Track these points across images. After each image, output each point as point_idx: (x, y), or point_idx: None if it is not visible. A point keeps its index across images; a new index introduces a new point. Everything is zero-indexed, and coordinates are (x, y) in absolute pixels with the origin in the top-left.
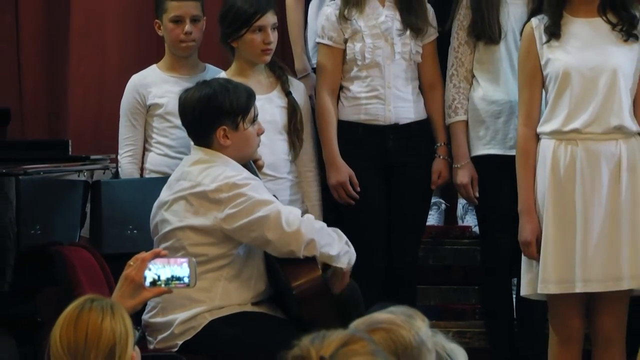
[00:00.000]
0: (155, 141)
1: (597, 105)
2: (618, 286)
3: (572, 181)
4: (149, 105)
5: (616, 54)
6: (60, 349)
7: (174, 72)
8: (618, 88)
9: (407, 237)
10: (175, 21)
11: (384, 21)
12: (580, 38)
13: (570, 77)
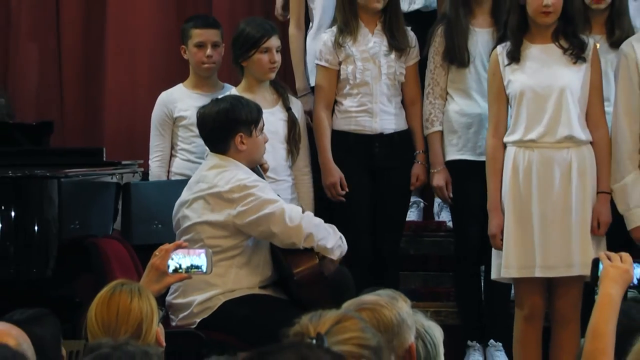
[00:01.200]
0: (180, 148)
1: (549, 119)
2: (570, 272)
3: (529, 183)
4: (175, 118)
5: (565, 74)
6: (95, 324)
7: (197, 89)
8: (567, 103)
9: (390, 230)
10: (199, 46)
11: (372, 47)
12: (536, 61)
13: (525, 95)
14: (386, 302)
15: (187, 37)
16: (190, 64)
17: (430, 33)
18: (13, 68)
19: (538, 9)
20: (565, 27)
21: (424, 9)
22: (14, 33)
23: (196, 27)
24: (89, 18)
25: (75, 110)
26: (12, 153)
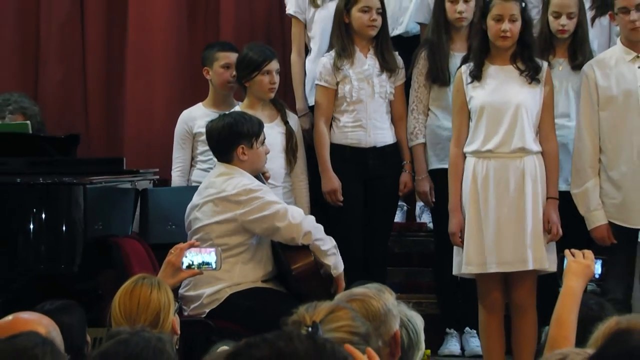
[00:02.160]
0: (198, 160)
1: (505, 132)
2: (524, 267)
3: (487, 189)
4: (194, 134)
5: (521, 93)
6: (119, 313)
7: (215, 108)
8: (521, 119)
9: (380, 231)
10: (226, 67)
11: (366, 68)
12: (495, 80)
13: (485, 110)
14: (374, 294)
15: (213, 59)
16: (213, 83)
17: (414, 56)
18: (43, 87)
19: (497, 33)
20: (522, 51)
21: (404, 35)
22: (43, 55)
23: (222, 51)
24: (110, 41)
25: (99, 124)
26: (43, 162)
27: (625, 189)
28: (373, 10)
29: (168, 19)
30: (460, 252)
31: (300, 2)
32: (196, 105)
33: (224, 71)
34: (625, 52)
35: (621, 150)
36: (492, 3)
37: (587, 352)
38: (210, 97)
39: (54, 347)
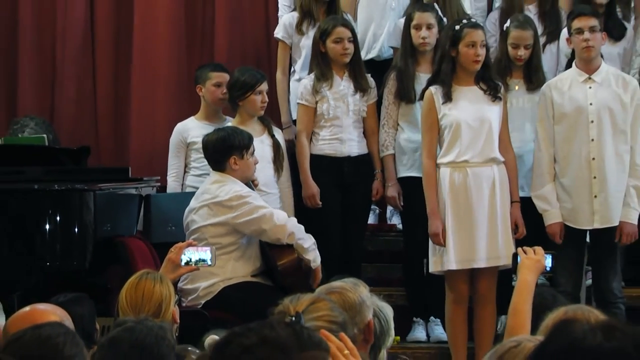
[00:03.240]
0: (192, 167)
1: (480, 145)
2: (497, 263)
3: (464, 194)
4: (188, 143)
5: (488, 110)
6: (125, 304)
7: (206, 121)
8: (491, 133)
9: (355, 231)
10: (217, 85)
11: (342, 89)
12: (465, 100)
13: (462, 126)
14: (350, 287)
15: (206, 78)
16: (206, 99)
17: (385, 78)
18: (58, 104)
19: (471, 58)
20: (484, 73)
21: (376, 59)
22: (58, 77)
23: (214, 71)
24: (117, 65)
25: (107, 137)
26: (58, 171)
27: (575, 195)
28: (345, 40)
29: (168, 45)
30: (438, 252)
31: (288, 28)
32: (189, 118)
33: (216, 89)
34: (578, 74)
35: (571, 160)
36: (464, 32)
37: (538, 339)
38: (202, 111)
39: (74, 337)
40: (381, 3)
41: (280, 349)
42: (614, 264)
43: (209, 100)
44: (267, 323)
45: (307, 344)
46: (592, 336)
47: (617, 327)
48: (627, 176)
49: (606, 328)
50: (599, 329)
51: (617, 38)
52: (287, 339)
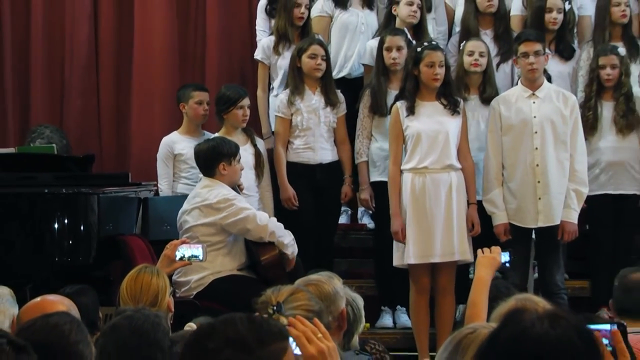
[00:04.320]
0: (179, 176)
1: (437, 153)
2: (452, 258)
3: (424, 197)
4: (175, 154)
5: (447, 123)
6: (126, 294)
7: (188, 135)
8: (448, 142)
9: (327, 230)
10: (199, 103)
11: (314, 103)
12: (426, 114)
13: (422, 137)
14: (325, 280)
15: (189, 97)
16: (188, 116)
17: (361, 93)
18: (66, 116)
19: (431, 76)
20: (444, 90)
21: (347, 77)
22: (66, 92)
23: (196, 90)
24: (119, 81)
25: (110, 147)
26: (66, 177)
27: (520, 197)
28: (319, 57)
29: (164, 65)
30: (400, 247)
31: (266, 50)
32: (173, 132)
33: (198, 106)
34: (524, 90)
35: (518, 166)
36: (424, 53)
37: (492, 326)
38: (184, 126)
39: (80, 325)
40: (352, 27)
41: (242, 349)
42: (557, 259)
43: (191, 116)
44: (230, 321)
45: (267, 339)
46: (539, 324)
47: (562, 316)
48: (568, 180)
49: (552, 317)
50: (546, 317)
51: (567, 58)
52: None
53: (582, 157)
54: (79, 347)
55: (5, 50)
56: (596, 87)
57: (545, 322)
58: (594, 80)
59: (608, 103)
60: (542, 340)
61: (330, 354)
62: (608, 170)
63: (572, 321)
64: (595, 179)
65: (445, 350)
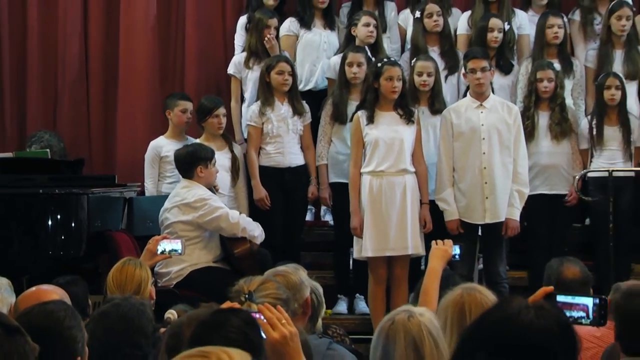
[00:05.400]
0: (164, 176)
1: (393, 158)
2: (405, 252)
3: (380, 197)
4: (161, 157)
5: (403, 131)
6: (112, 284)
7: (174, 139)
8: (403, 148)
9: (295, 226)
10: (183, 111)
11: (283, 112)
12: (384, 122)
13: (379, 143)
14: (292, 271)
15: (174, 105)
16: (173, 122)
17: (323, 103)
18: (59, 125)
19: (390, 89)
20: (400, 101)
21: (313, 89)
22: (59, 102)
23: (181, 99)
24: (107, 93)
25: (98, 152)
26: (59, 178)
27: (469, 197)
28: (285, 73)
29: (146, 80)
30: (359, 242)
31: (238, 65)
32: (160, 137)
33: (182, 114)
34: (472, 101)
35: (467, 169)
36: (384, 68)
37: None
38: (170, 131)
39: (73, 312)
40: (315, 46)
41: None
42: (500, 252)
43: (175, 122)
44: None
45: None
46: (525, 313)
47: (546, 308)
48: (511, 182)
49: (538, 308)
50: (532, 307)
51: (506, 72)
52: None
53: (523, 161)
54: (73, 331)
55: (4, 64)
56: (534, 98)
57: (532, 311)
58: (532, 92)
59: (544, 112)
60: (526, 328)
61: (291, 339)
62: (544, 172)
63: (555, 314)
64: (533, 180)
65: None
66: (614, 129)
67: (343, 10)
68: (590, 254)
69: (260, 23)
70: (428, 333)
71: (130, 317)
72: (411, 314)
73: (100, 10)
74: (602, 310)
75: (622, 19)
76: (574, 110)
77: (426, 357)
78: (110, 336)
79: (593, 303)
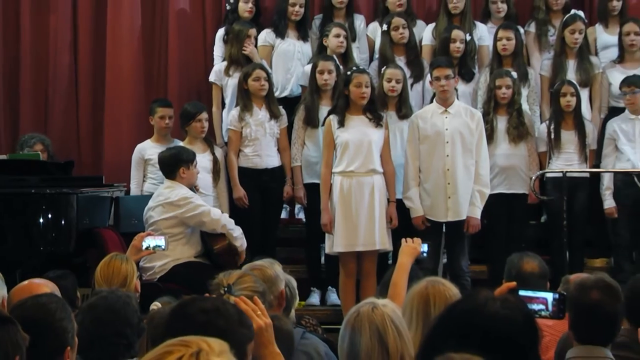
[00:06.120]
0: (148, 177)
1: (362, 159)
2: (373, 247)
3: (350, 196)
4: (146, 159)
5: (371, 133)
6: (100, 278)
7: (158, 143)
8: (372, 150)
9: (271, 223)
10: (162, 118)
11: (260, 117)
12: (354, 126)
13: (349, 145)
14: (268, 265)
15: (155, 112)
16: (155, 127)
17: (296, 108)
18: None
19: (359, 95)
20: (370, 106)
21: (289, 96)
22: (50, 108)
23: (161, 106)
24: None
25: (86, 154)
26: (50, 179)
27: (433, 196)
28: (262, 79)
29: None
30: (331, 238)
31: (218, 73)
32: (146, 140)
33: (161, 120)
34: (437, 107)
35: (432, 170)
36: (353, 75)
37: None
38: (155, 135)
39: (64, 304)
40: (289, 55)
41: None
42: (462, 248)
43: (157, 128)
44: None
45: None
46: (492, 303)
47: (511, 300)
48: (473, 183)
49: (503, 300)
50: (498, 299)
51: (468, 80)
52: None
53: (485, 163)
54: (63, 323)
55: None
56: (493, 104)
57: (497, 302)
58: (491, 98)
59: (502, 117)
60: (492, 317)
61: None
62: (502, 173)
63: (519, 306)
64: (492, 180)
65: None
66: (570, 133)
67: (315, 22)
68: (547, 249)
69: (240, 34)
70: (391, 322)
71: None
72: (375, 306)
73: (89, 22)
74: (561, 305)
75: (575, 32)
76: (530, 115)
77: (390, 345)
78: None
79: (553, 298)
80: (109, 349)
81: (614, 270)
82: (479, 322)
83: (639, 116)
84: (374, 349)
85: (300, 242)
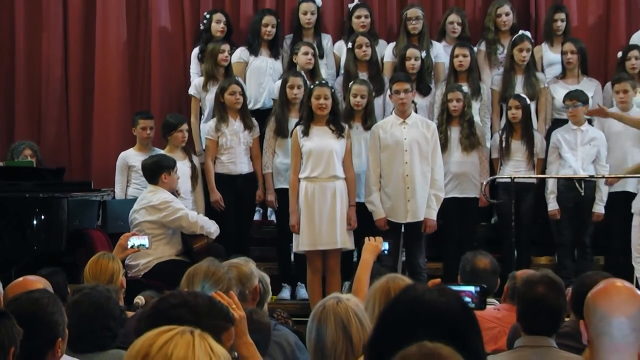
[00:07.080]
0: (132, 183)
1: (324, 165)
2: (335, 246)
3: (314, 200)
4: (129, 166)
5: (333, 143)
6: (88, 275)
7: (140, 151)
8: (333, 158)
9: (245, 225)
10: (143, 128)
11: (235, 128)
12: (317, 135)
13: (312, 153)
14: (243, 263)
15: (137, 123)
16: (138, 137)
17: (267, 119)
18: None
19: (318, 106)
20: (333, 118)
21: (261, 108)
22: (43, 117)
23: (142, 118)
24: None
25: (76, 161)
26: (43, 184)
27: (393, 199)
28: (237, 93)
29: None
30: (298, 238)
31: (197, 87)
32: (129, 149)
33: (142, 131)
34: (396, 119)
35: (392, 176)
36: (314, 89)
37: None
38: (137, 144)
39: (56, 299)
40: (262, 71)
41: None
42: (420, 247)
43: (139, 138)
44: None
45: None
46: (430, 293)
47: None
48: (429, 187)
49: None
50: (435, 289)
51: (425, 94)
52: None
53: (440, 169)
54: (55, 316)
55: None
56: (446, 115)
57: (435, 292)
58: (445, 111)
59: (455, 128)
60: (432, 305)
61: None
62: (455, 179)
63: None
64: (446, 185)
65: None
66: (519, 142)
67: (286, 41)
68: (497, 247)
69: (214, 50)
70: (354, 314)
71: (100, 304)
72: (339, 300)
73: (79, 38)
74: (482, 297)
75: (523, 50)
76: (482, 126)
77: (353, 335)
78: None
79: (475, 290)
80: (96, 341)
81: (557, 267)
82: (421, 309)
83: (580, 127)
84: (339, 339)
85: (272, 241)
